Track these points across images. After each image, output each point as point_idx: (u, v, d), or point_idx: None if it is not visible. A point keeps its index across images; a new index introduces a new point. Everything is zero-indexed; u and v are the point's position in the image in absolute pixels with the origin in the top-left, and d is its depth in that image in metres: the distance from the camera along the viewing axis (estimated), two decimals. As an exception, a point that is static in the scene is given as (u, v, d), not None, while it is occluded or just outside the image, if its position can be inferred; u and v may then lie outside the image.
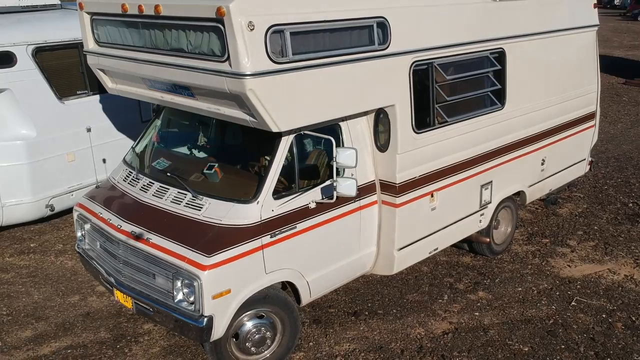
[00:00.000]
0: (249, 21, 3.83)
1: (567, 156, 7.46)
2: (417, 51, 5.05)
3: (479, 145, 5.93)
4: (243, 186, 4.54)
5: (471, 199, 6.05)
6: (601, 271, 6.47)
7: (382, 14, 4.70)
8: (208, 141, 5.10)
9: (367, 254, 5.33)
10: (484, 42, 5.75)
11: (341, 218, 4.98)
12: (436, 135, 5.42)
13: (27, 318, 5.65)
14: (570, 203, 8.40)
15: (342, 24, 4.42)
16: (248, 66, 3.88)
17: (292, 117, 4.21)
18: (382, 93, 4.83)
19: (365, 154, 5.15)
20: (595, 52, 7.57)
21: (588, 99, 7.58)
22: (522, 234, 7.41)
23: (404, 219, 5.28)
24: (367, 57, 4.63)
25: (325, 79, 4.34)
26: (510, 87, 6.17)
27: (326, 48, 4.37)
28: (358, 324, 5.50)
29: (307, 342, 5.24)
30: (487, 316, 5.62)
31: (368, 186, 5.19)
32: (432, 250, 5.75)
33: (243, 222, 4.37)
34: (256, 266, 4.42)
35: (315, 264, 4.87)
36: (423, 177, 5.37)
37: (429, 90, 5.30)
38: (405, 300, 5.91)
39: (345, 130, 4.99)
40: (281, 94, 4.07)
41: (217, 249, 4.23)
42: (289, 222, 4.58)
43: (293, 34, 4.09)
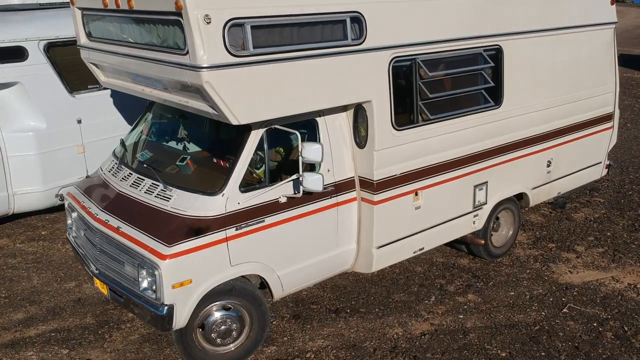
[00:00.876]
0: (205, 15, 3.88)
1: (579, 159, 7.18)
2: (396, 47, 4.98)
3: (470, 144, 5.79)
4: (211, 178, 4.60)
5: (463, 199, 5.91)
6: (603, 279, 6.21)
7: (357, 8, 4.66)
8: (188, 134, 5.19)
9: (346, 250, 5.30)
10: (476, 39, 5.61)
11: (316, 214, 4.97)
12: (420, 133, 5.32)
13: (23, 301, 5.89)
14: (588, 208, 8.08)
15: (311, 19, 4.41)
16: (205, 59, 3.93)
17: (253, 110, 4.23)
18: (356, 88, 4.79)
19: (344, 150, 5.12)
20: (612, 51, 7.26)
21: (603, 100, 7.27)
22: (528, 238, 7.19)
23: (383, 216, 5.21)
24: (339, 52, 4.60)
25: (291, 73, 4.34)
26: (508, 85, 6.00)
27: (294, 42, 4.37)
28: (337, 322, 5.47)
29: (282, 337, 5.25)
30: (471, 319, 5.49)
31: (347, 182, 5.15)
32: (417, 249, 5.66)
33: (207, 214, 4.42)
34: (220, 258, 4.47)
35: (286, 259, 4.88)
36: (405, 175, 5.29)
37: (412, 87, 5.22)
38: (391, 300, 5.83)
39: (322, 125, 4.98)
40: (241, 87, 4.10)
41: (178, 239, 4.30)
42: (256, 216, 4.61)
43: (254, 28, 4.11)
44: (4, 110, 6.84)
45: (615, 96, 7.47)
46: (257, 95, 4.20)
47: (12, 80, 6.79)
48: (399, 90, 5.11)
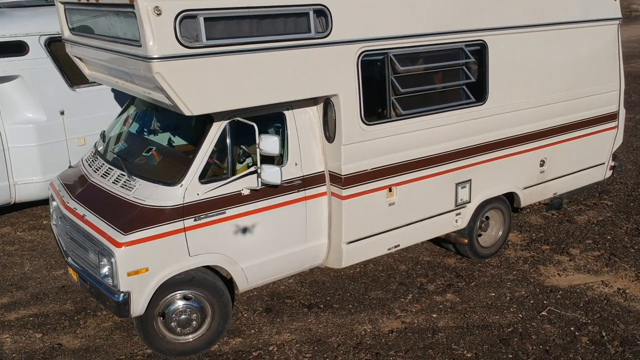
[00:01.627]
0: (155, 6, 3.93)
1: (578, 159, 6.95)
2: (366, 41, 4.93)
3: (451, 141, 5.68)
4: (173, 169, 4.66)
5: (443, 197, 5.80)
6: (592, 282, 5.99)
7: (322, 1, 4.64)
8: (160, 126, 5.26)
9: (316, 245, 5.27)
10: (456, 34, 5.50)
11: (281, 207, 4.97)
12: (393, 128, 5.25)
13: (11, 287, 6.10)
14: (593, 210, 7.82)
15: (272, 11, 4.41)
16: (155, 50, 3.99)
17: (207, 102, 4.26)
18: (321, 82, 4.77)
19: (314, 144, 5.11)
20: (616, 48, 7.00)
21: (606, 98, 7.02)
22: (523, 239, 7.01)
23: (352, 212, 5.17)
24: (302, 45, 4.58)
25: (249, 65, 4.35)
26: (493, 82, 5.86)
27: (253, 34, 4.38)
28: (307, 316, 5.46)
29: (250, 329, 5.28)
30: (444, 319, 5.38)
31: (316, 177, 5.13)
32: (392, 246, 5.59)
33: (165, 204, 4.48)
34: (178, 248, 4.52)
35: (250, 251, 4.89)
36: (377, 171, 5.23)
37: (384, 81, 5.15)
38: (367, 297, 5.78)
39: (289, 118, 4.97)
40: (193, 78, 4.14)
41: (134, 228, 4.38)
42: (217, 207, 4.64)
43: (208, 20, 4.15)
44: (5, 103, 7.09)
45: (620, 95, 7.20)
46: (211, 87, 4.23)
47: (13, 73, 7.02)
48: (369, 85, 5.06)
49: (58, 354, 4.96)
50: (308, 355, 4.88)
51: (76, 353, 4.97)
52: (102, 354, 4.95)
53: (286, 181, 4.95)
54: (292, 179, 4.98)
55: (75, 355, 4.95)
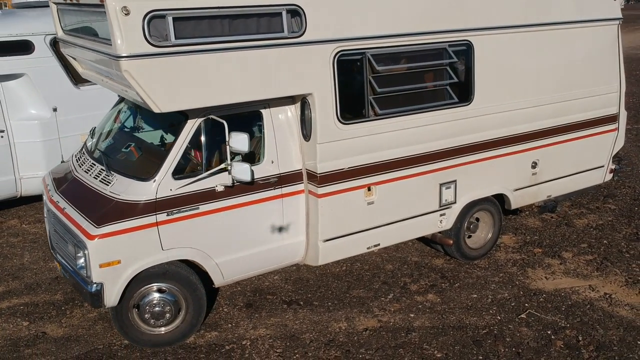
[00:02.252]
0: (123, 6, 4.05)
1: (575, 161, 6.84)
2: (341, 40, 4.97)
3: (434, 141, 5.67)
4: (148, 165, 4.78)
5: (426, 197, 5.80)
6: (579, 286, 5.91)
7: (296, 2, 4.71)
8: (144, 123, 5.40)
9: (294, 242, 5.34)
10: (439, 34, 5.49)
11: (257, 204, 5.05)
12: (371, 127, 5.28)
13: (8, 276, 6.33)
14: (595, 214, 7.69)
15: (243, 11, 4.50)
16: (123, 48, 4.11)
17: (175, 99, 4.36)
18: (294, 81, 4.83)
19: (291, 142, 5.17)
20: (616, 49, 6.88)
21: (605, 100, 6.90)
22: (517, 241, 6.94)
23: (328, 210, 5.22)
24: (274, 44, 4.66)
25: (219, 64, 4.45)
26: (479, 82, 5.83)
27: (225, 34, 4.47)
28: (286, 313, 5.53)
29: (228, 323, 5.37)
30: (421, 319, 5.39)
31: (293, 174, 5.20)
32: (372, 245, 5.61)
33: (138, 198, 4.61)
34: (150, 242, 4.64)
35: (225, 247, 4.99)
36: (354, 170, 5.27)
37: (362, 81, 5.19)
38: (348, 295, 5.82)
39: (266, 117, 5.05)
40: (162, 76, 4.25)
41: (106, 221, 4.52)
42: (190, 203, 4.75)
43: (178, 20, 4.25)
44: (11, 100, 7.36)
45: (620, 96, 7.06)
46: (180, 85, 4.33)
47: (19, 71, 7.30)
48: (346, 84, 5.10)
49: (41, 342, 5.14)
50: (279, 351, 4.95)
51: (58, 341, 5.14)
52: (81, 343, 5.11)
53: (262, 178, 5.03)
54: (268, 177, 5.06)
55: (57, 343, 5.12)
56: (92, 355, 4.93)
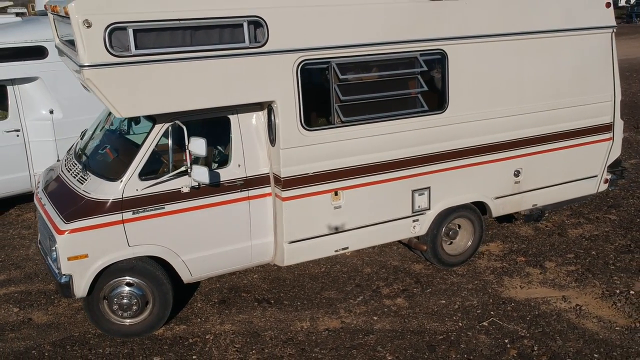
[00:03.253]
0: (85, 19, 4.38)
1: (563, 170, 6.78)
2: (305, 50, 5.16)
3: (406, 148, 5.78)
4: (118, 166, 5.10)
5: (397, 203, 5.90)
6: (552, 297, 5.88)
7: (258, 13, 4.92)
8: (125, 126, 5.73)
9: (263, 243, 5.56)
10: (409, 43, 5.59)
11: (223, 205, 5.30)
12: (337, 134, 5.44)
13: (11, 266, 6.82)
14: (592, 224, 7.58)
15: (204, 22, 4.75)
16: (85, 58, 4.44)
17: (136, 106, 4.65)
18: (256, 89, 5.04)
19: (258, 147, 5.40)
20: (610, 57, 6.77)
21: (597, 109, 6.80)
22: (502, 249, 6.94)
23: (293, 213, 5.41)
24: (236, 54, 4.89)
25: (179, 73, 4.71)
26: (454, 91, 5.89)
27: (187, 44, 4.74)
28: (255, 310, 5.75)
29: (198, 318, 5.65)
30: (383, 322, 5.51)
31: (261, 178, 5.42)
32: (339, 248, 5.76)
33: (106, 197, 4.94)
34: (117, 238, 4.96)
35: (192, 245, 5.25)
36: (320, 175, 5.44)
37: (327, 88, 5.35)
38: (319, 296, 5.99)
39: (234, 122, 5.30)
40: (122, 84, 4.55)
41: (75, 217, 4.87)
42: (156, 203, 5.04)
43: (138, 31, 4.55)
44: (26, 101, 7.89)
45: (615, 105, 6.94)
46: (140, 92, 4.63)
47: (33, 75, 7.82)
48: (311, 92, 5.28)
49: (25, 327, 5.56)
50: (237, 346, 5.18)
51: (40, 327, 5.54)
52: (60, 330, 5.49)
53: (228, 181, 5.28)
54: (234, 179, 5.30)
55: (38, 329, 5.52)
56: (67, 342, 5.30)
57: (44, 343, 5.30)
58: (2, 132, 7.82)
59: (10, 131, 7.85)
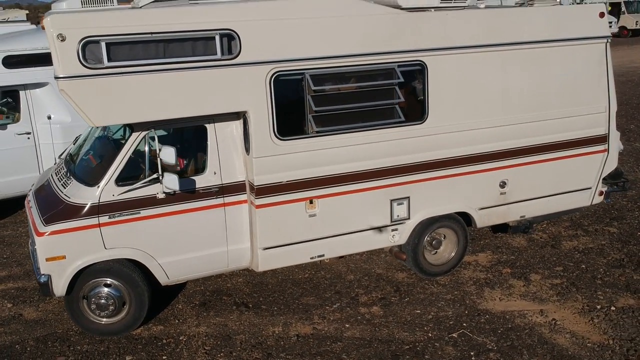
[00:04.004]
0: (59, 33, 4.61)
1: (553, 182, 6.71)
2: (278, 62, 5.28)
3: (384, 158, 5.83)
4: (98, 172, 5.33)
5: (375, 212, 5.96)
6: (529, 310, 5.84)
7: (231, 26, 5.08)
8: (112, 134, 5.97)
9: (240, 248, 5.71)
10: (386, 55, 5.65)
11: (198, 211, 5.47)
12: (312, 143, 5.54)
13: (14, 262, 7.18)
14: (589, 236, 7.46)
15: (175, 36, 4.93)
16: (60, 70, 4.68)
17: (108, 115, 4.87)
18: (229, 100, 5.19)
19: (235, 155, 5.55)
20: (604, 68, 6.66)
21: (590, 120, 6.70)
22: (490, 260, 6.91)
23: (266, 220, 5.54)
24: (208, 66, 5.06)
25: (151, 84, 4.91)
26: (434, 102, 5.92)
27: (159, 56, 4.93)
28: (232, 314, 5.91)
29: (176, 319, 5.84)
30: (354, 329, 5.58)
31: (237, 185, 5.57)
32: (315, 256, 5.86)
33: (84, 202, 5.17)
34: (93, 241, 5.19)
35: (168, 249, 5.44)
36: (294, 183, 5.56)
37: (302, 99, 5.46)
38: (298, 302, 6.11)
39: (210, 131, 5.47)
40: (94, 94, 4.77)
41: (54, 220, 5.12)
42: (131, 208, 5.25)
43: (111, 44, 4.76)
44: (37, 106, 8.26)
45: (610, 117, 6.82)
46: (113, 102, 4.84)
47: (43, 81, 8.18)
48: (285, 102, 5.40)
49: (14, 322, 5.86)
50: (207, 348, 5.35)
51: (28, 323, 5.84)
52: (46, 326, 5.77)
53: (203, 188, 5.45)
54: (209, 187, 5.47)
55: (26, 325, 5.81)
56: (49, 338, 5.57)
57: (29, 338, 5.58)
58: (14, 134, 8.21)
59: (21, 134, 8.24)
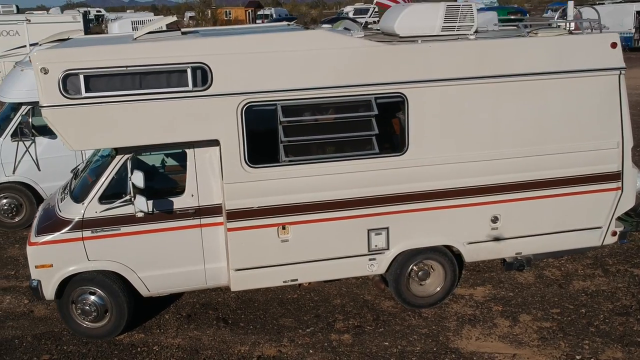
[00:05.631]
0: (43, 67, 5.14)
1: (555, 219, 6.39)
2: (250, 93, 5.51)
3: (361, 187, 5.88)
4: (86, 190, 5.83)
5: (352, 241, 6.01)
6: (503, 354, 5.65)
7: (203, 60, 5.38)
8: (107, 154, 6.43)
9: (216, 267, 6.00)
10: (363, 87, 5.69)
11: (175, 230, 5.83)
12: (284, 172, 5.71)
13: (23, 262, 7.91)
14: (606, 277, 7.03)
15: (149, 69, 5.30)
16: (43, 100, 5.20)
17: (88, 141, 5.33)
18: (200, 128, 5.49)
19: (212, 179, 5.85)
20: (616, 101, 6.25)
21: (598, 156, 6.31)
22: (486, 295, 6.72)
23: (239, 243, 5.79)
24: (180, 97, 5.39)
25: (126, 113, 5.31)
26: (415, 133, 5.87)
27: (135, 87, 5.33)
28: (210, 328, 6.22)
29: (159, 329, 6.25)
30: (315, 356, 5.69)
31: (213, 208, 5.87)
32: (288, 280, 6.02)
33: (70, 217, 5.70)
34: (77, 252, 5.70)
35: (147, 264, 5.85)
36: (266, 209, 5.76)
37: (274, 128, 5.64)
38: (276, 322, 6.30)
39: (190, 156, 5.81)
40: (73, 122, 5.25)
41: (44, 232, 5.69)
42: (113, 224, 5.71)
43: (89, 77, 5.22)
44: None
45: (624, 153, 6.38)
46: (90, 129, 5.30)
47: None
48: (257, 131, 5.62)
49: (23, 318, 6.55)
50: (173, 360, 5.70)
51: (34, 320, 6.50)
52: (47, 324, 6.40)
53: (181, 209, 5.80)
54: (186, 208, 5.82)
55: (32, 321, 6.48)
56: (44, 336, 6.18)
57: (29, 334, 6.22)
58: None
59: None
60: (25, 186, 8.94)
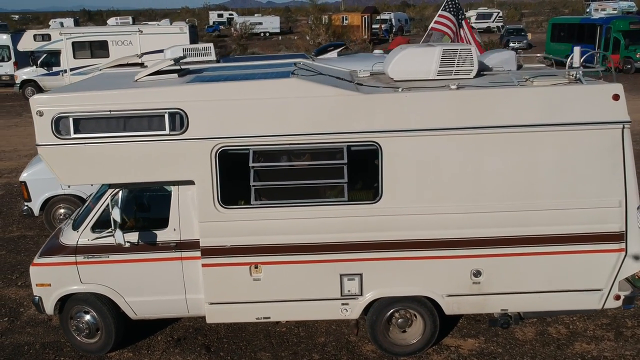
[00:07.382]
0: (38, 110, 5.74)
1: (546, 278, 6.04)
2: (224, 138, 5.76)
3: (333, 233, 5.94)
4: (83, 219, 6.39)
5: (323, 284, 6.07)
6: (460, 417, 5.47)
7: (179, 106, 5.73)
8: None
9: (197, 298, 6.33)
10: (335, 135, 5.74)
11: (158, 261, 6.23)
12: (255, 213, 5.91)
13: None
14: (613, 342, 6.54)
15: (130, 114, 5.73)
16: (38, 139, 5.81)
17: (76, 176, 5.86)
18: (175, 170, 5.83)
19: (193, 216, 6.18)
20: (619, 157, 5.79)
21: (597, 215, 5.88)
22: (474, 349, 6.50)
23: (211, 278, 6.07)
24: (157, 140, 5.77)
25: (109, 153, 5.78)
26: (389, 182, 5.83)
27: (119, 130, 5.79)
28: (191, 355, 6.56)
29: (148, 350, 6.69)
30: (275, 395, 5.85)
31: (193, 242, 6.18)
32: (261, 317, 6.19)
33: (67, 243, 6.29)
34: (71, 275, 6.27)
35: (133, 290, 6.30)
36: (238, 248, 5.99)
37: (246, 171, 5.85)
38: (254, 356, 6.52)
39: (174, 193, 6.18)
40: (64, 159, 5.80)
41: (45, 255, 6.33)
42: (102, 252, 6.22)
43: (78, 120, 5.75)
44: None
45: (627, 212, 5.90)
46: (78, 166, 5.82)
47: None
48: (230, 173, 5.87)
49: (40, 325, 7.27)
50: (145, 383, 6.10)
51: (49, 328, 7.20)
52: (57, 334, 7.06)
53: (163, 242, 6.20)
54: (169, 241, 6.20)
55: (46, 329, 7.18)
56: (51, 345, 6.85)
57: (38, 342, 6.93)
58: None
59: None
60: (78, 198, 9.84)
